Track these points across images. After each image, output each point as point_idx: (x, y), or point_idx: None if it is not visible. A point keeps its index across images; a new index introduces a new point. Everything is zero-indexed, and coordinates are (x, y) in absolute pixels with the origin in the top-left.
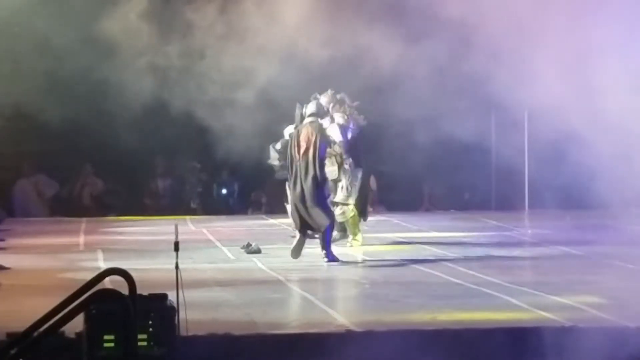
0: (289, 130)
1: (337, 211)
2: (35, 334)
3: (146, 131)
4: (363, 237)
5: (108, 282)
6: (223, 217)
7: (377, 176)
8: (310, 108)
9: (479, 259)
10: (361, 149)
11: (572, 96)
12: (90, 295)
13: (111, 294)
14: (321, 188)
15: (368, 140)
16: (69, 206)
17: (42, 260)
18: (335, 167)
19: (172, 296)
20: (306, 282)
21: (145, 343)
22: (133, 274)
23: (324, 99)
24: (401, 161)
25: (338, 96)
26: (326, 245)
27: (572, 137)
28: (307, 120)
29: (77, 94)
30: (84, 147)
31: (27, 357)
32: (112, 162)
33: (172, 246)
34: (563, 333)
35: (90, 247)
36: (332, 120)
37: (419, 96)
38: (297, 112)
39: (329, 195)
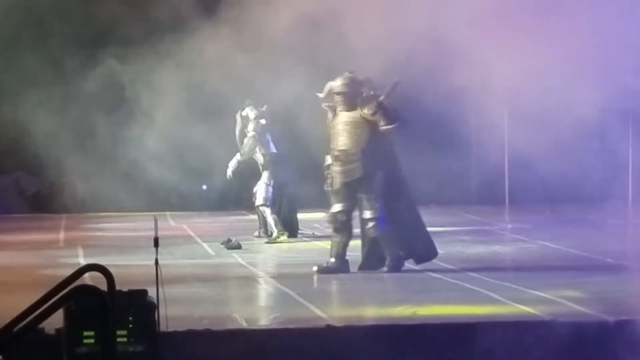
0: None
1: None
2: (15, 330)
3: None
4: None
5: (88, 279)
6: (203, 212)
7: None
8: None
9: (459, 253)
10: None
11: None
12: (68, 292)
13: (90, 290)
14: None
15: None
16: (49, 203)
17: (22, 257)
18: None
19: (152, 292)
20: (286, 278)
21: (124, 339)
22: (113, 270)
23: None
24: None
25: None
26: None
27: (551, 132)
28: None
29: None
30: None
31: (6, 353)
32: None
33: (152, 242)
34: (543, 327)
35: (70, 244)
36: None
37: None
38: None
39: None
